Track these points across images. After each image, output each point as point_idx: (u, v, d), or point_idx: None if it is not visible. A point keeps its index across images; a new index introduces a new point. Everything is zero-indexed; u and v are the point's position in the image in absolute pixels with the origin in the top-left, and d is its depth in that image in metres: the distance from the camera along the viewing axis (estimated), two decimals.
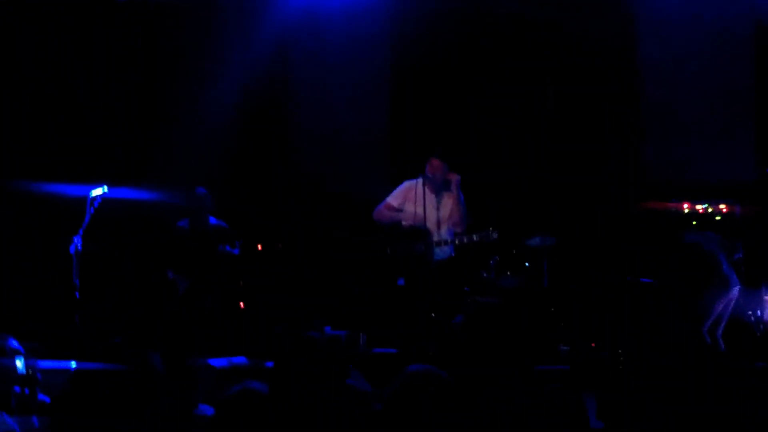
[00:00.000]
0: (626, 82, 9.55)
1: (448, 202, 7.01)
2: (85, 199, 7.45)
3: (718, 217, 8.32)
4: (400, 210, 7.23)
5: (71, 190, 7.91)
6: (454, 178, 7.07)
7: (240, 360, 6.60)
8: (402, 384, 3.12)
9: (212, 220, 8.07)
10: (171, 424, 3.55)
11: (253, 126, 9.83)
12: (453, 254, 7.11)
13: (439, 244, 6.88)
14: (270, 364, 3.34)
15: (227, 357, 6.61)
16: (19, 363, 4.91)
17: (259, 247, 8.84)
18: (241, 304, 8.86)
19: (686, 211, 8.17)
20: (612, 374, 6.62)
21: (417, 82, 9.67)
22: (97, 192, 7.45)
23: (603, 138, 9.39)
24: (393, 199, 7.24)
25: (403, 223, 7.12)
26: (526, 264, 8.47)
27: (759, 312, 8.07)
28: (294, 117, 10.05)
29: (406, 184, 7.23)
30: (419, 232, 6.91)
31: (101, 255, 8.02)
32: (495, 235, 6.65)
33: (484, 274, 8.43)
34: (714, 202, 8.36)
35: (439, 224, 6.97)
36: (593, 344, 8.42)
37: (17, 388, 4.57)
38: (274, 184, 9.87)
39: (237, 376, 5.92)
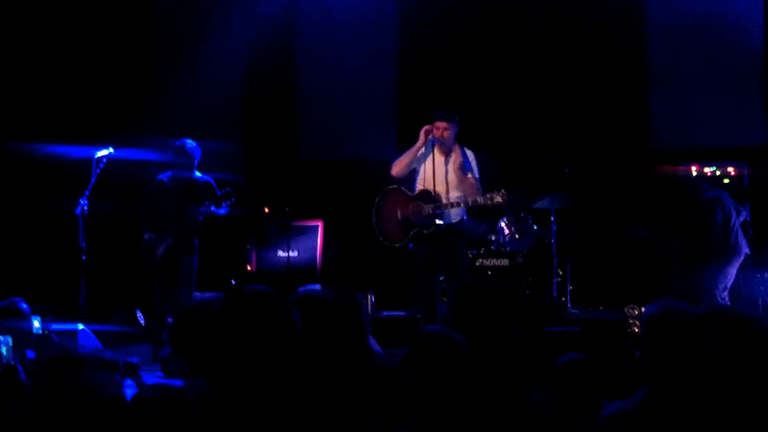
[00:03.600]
0: (634, 47, 9.49)
1: (458, 165, 6.96)
2: (90, 161, 7.38)
3: (726, 180, 8.30)
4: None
5: (77, 151, 7.83)
6: (469, 154, 7.04)
7: None
8: (415, 346, 3.10)
9: (198, 175, 7.51)
10: None
11: (261, 87, 9.82)
12: (464, 217, 7.08)
13: (447, 206, 6.84)
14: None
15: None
16: (36, 323, 4.95)
17: (266, 210, 8.85)
18: (248, 267, 8.89)
19: (695, 174, 8.14)
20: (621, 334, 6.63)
21: (425, 43, 9.63)
22: (102, 153, 7.37)
23: (610, 102, 9.35)
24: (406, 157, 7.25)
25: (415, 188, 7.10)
26: (534, 227, 8.47)
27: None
28: (301, 78, 10.04)
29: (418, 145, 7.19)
30: (428, 195, 6.87)
31: (107, 217, 7.93)
32: (502, 198, 6.60)
33: (491, 237, 8.43)
34: (722, 165, 8.34)
35: (447, 187, 6.93)
36: (600, 308, 8.48)
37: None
38: (282, 146, 9.88)
39: None
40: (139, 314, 8.12)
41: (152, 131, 8.69)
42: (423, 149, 6.97)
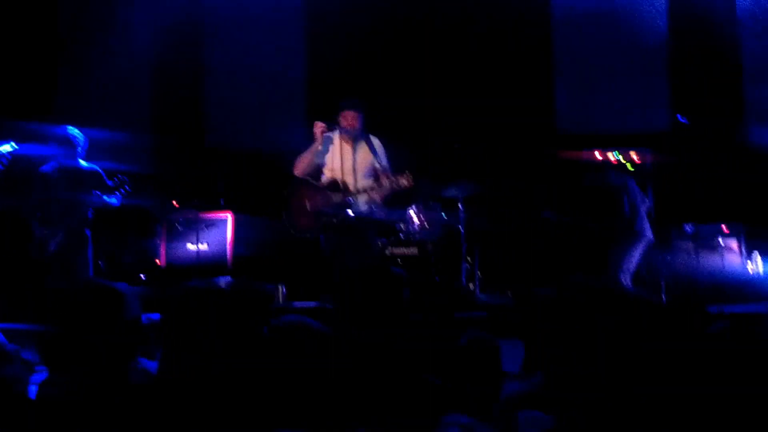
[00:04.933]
0: (539, 34, 9.63)
1: (366, 153, 6.99)
2: None
3: (629, 166, 8.47)
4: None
5: None
6: (376, 142, 7.06)
7: (157, 316, 6.51)
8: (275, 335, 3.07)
9: (84, 164, 7.20)
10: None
11: (168, 77, 9.67)
12: (373, 206, 7.10)
13: (355, 194, 6.87)
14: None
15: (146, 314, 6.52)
16: None
17: (174, 202, 8.71)
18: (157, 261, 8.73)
19: (600, 160, 8.30)
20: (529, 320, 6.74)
21: (332, 32, 9.61)
22: (4, 148, 7.03)
23: (517, 89, 9.47)
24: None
25: (323, 178, 7.09)
26: (443, 215, 8.52)
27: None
28: (209, 68, 9.93)
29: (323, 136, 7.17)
30: (335, 184, 6.88)
31: (9, 214, 7.68)
32: (407, 180, 6.65)
33: (400, 226, 8.45)
34: (625, 151, 8.51)
35: (355, 175, 6.95)
36: (509, 293, 8.59)
37: None
38: (189, 137, 9.74)
39: (153, 332, 5.85)
40: None
41: (58, 123, 8.44)
42: (320, 146, 6.95)
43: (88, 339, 2.79)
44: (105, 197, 7.00)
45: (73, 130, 7.18)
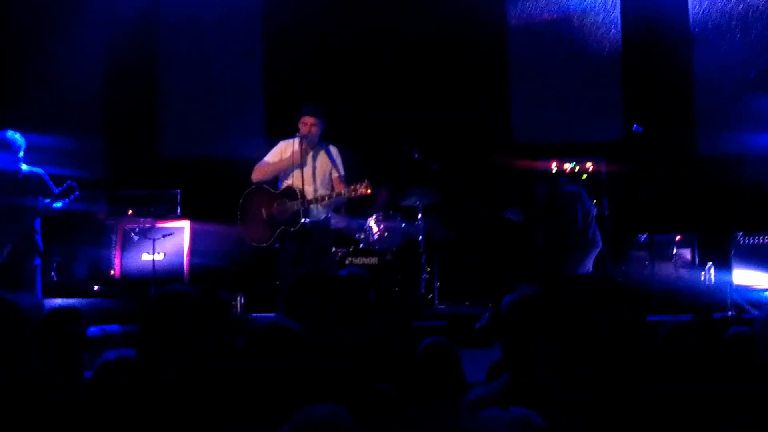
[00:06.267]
0: (495, 46, 9.71)
1: (324, 161, 6.96)
2: None
3: (584, 175, 8.55)
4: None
5: None
6: (333, 151, 7.04)
7: (113, 328, 6.42)
8: (252, 337, 3.06)
9: (26, 169, 6.91)
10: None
11: (121, 84, 9.56)
12: (330, 214, 7.08)
13: (312, 202, 6.82)
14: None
15: (99, 325, 6.40)
16: None
17: (130, 212, 8.58)
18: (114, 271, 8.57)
19: (554, 170, 8.36)
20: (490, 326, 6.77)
21: (291, 40, 9.58)
22: None
23: (473, 99, 9.53)
24: (270, 158, 7.14)
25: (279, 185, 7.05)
26: (403, 224, 8.52)
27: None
28: (164, 75, 9.83)
29: (282, 143, 7.13)
30: (292, 192, 6.83)
31: None
32: (365, 188, 6.62)
33: (359, 236, 8.44)
34: (581, 161, 8.59)
35: (314, 183, 6.91)
36: (467, 303, 8.62)
37: None
38: (144, 144, 9.62)
39: (110, 343, 5.76)
40: None
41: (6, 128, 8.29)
42: (297, 161, 6.87)
43: None
44: (50, 202, 6.77)
45: (12, 134, 6.91)
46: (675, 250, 8.44)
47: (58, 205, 6.79)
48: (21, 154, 6.93)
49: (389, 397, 3.14)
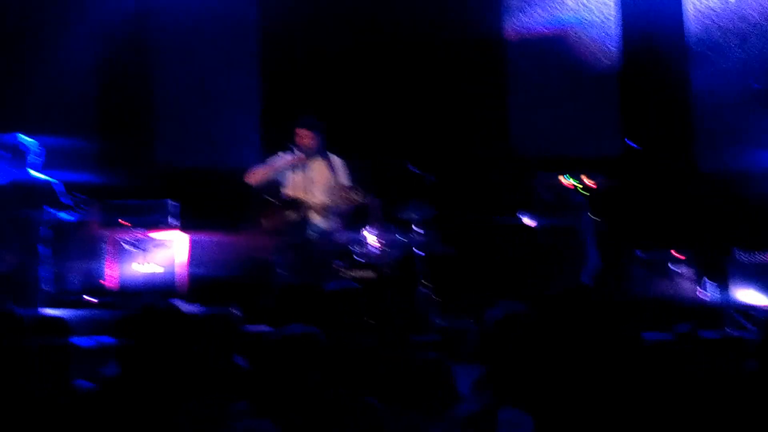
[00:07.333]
0: (494, 59, 9.70)
1: (323, 172, 6.98)
2: None
3: (582, 190, 8.52)
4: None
5: None
6: (337, 161, 7.04)
7: (106, 339, 6.37)
8: (278, 344, 3.04)
9: (36, 176, 6.79)
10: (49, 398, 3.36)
11: (115, 89, 9.50)
12: (331, 227, 7.08)
13: (311, 213, 6.84)
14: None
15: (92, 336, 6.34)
16: None
17: (122, 222, 8.51)
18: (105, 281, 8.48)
19: (557, 181, 8.34)
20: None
21: (288, 49, 9.55)
22: None
23: (472, 112, 9.51)
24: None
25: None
26: (399, 237, 8.48)
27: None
28: (159, 80, 9.77)
29: (280, 156, 7.15)
30: (293, 203, 6.85)
31: None
32: (360, 196, 6.63)
33: (355, 249, 8.39)
34: (577, 175, 8.56)
35: (312, 194, 6.93)
36: (465, 317, 8.55)
37: None
38: (138, 152, 9.57)
39: (104, 355, 5.71)
40: None
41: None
42: (289, 170, 6.86)
43: None
44: (59, 214, 6.62)
45: (25, 138, 6.77)
46: (673, 267, 8.40)
47: (67, 216, 6.67)
48: (33, 160, 6.78)
49: (373, 410, 3.10)
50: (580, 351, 2.71)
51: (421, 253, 8.29)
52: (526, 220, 8.20)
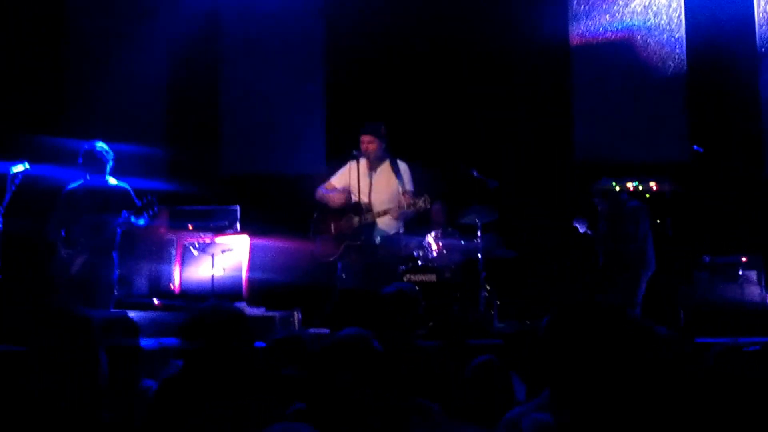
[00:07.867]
0: (559, 64, 9.65)
1: (387, 177, 7.04)
2: (5, 177, 6.88)
3: (648, 195, 8.45)
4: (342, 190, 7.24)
5: None
6: (402, 166, 7.10)
7: (170, 341, 6.49)
8: (330, 346, 3.06)
9: (112, 182, 6.91)
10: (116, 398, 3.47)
11: (185, 96, 9.70)
12: (401, 230, 7.15)
13: (375, 216, 6.91)
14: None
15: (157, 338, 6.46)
16: None
17: (190, 227, 8.67)
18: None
19: (617, 187, 8.27)
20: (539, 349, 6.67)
21: (353, 56, 9.63)
22: (17, 169, 6.83)
23: (535, 116, 9.48)
24: (335, 179, 7.28)
25: (337, 198, 7.13)
26: (462, 242, 8.50)
27: None
28: (226, 90, 9.93)
29: (348, 164, 7.26)
30: (358, 206, 6.94)
31: (23, 234, 7.57)
32: (425, 202, 6.66)
33: (418, 253, 8.43)
34: (644, 180, 8.49)
35: (376, 198, 6.99)
36: (528, 322, 8.52)
37: None
38: (205, 159, 9.74)
39: (167, 356, 5.83)
40: None
41: (70, 137, 8.42)
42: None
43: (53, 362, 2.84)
44: (132, 218, 6.68)
45: (101, 146, 6.93)
46: (740, 272, 8.26)
47: (140, 221, 6.73)
48: (108, 166, 6.94)
49: (428, 411, 3.11)
50: (625, 360, 2.69)
51: (483, 257, 8.30)
52: (580, 227, 8.17)
